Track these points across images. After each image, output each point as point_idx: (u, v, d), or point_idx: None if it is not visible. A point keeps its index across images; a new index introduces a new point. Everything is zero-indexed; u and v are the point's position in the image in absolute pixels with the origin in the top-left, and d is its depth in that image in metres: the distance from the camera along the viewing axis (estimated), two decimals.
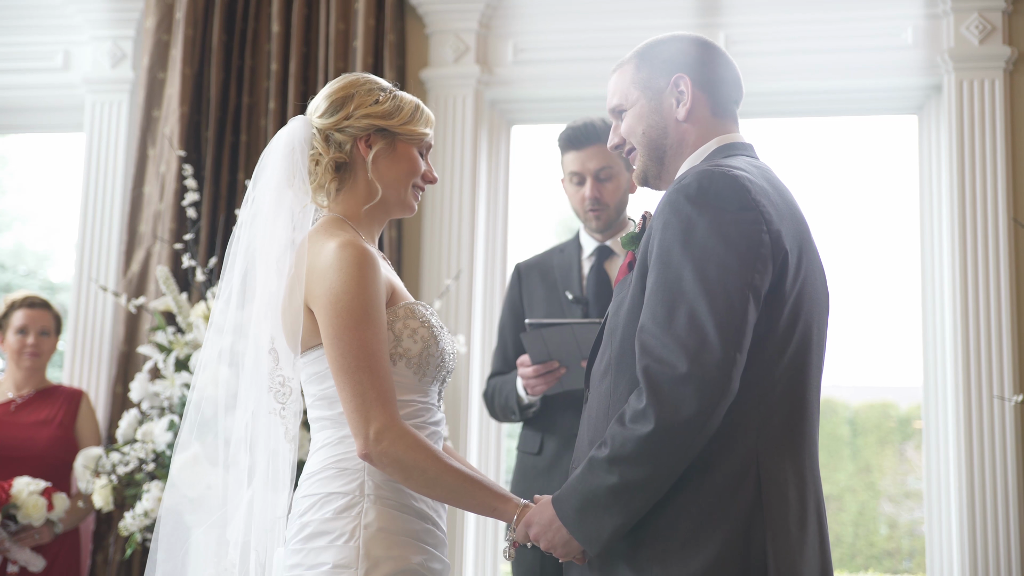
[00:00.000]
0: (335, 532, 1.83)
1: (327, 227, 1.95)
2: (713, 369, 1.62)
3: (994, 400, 3.73)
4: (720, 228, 1.69)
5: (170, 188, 4.09)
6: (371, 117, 1.97)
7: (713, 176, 1.73)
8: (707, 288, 1.65)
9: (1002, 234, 3.82)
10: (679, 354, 1.63)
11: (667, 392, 1.63)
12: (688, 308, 1.65)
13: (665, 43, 1.95)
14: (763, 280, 1.69)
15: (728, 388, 1.64)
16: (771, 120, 4.43)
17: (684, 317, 1.65)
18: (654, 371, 1.65)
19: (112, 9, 4.36)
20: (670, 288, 1.68)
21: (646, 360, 1.67)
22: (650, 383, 1.65)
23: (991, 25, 3.93)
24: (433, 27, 4.21)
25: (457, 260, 4.09)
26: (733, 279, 1.66)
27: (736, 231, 1.69)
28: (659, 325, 1.67)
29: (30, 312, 3.79)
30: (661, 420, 1.63)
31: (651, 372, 1.65)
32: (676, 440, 1.64)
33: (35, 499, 3.42)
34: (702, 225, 1.69)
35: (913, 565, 7.28)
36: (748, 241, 1.69)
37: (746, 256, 1.68)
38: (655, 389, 1.64)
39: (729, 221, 1.69)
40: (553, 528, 1.75)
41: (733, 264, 1.67)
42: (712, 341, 1.63)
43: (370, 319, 1.83)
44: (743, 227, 1.70)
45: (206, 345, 2.01)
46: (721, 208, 1.70)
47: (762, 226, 1.71)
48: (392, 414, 1.81)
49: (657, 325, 1.67)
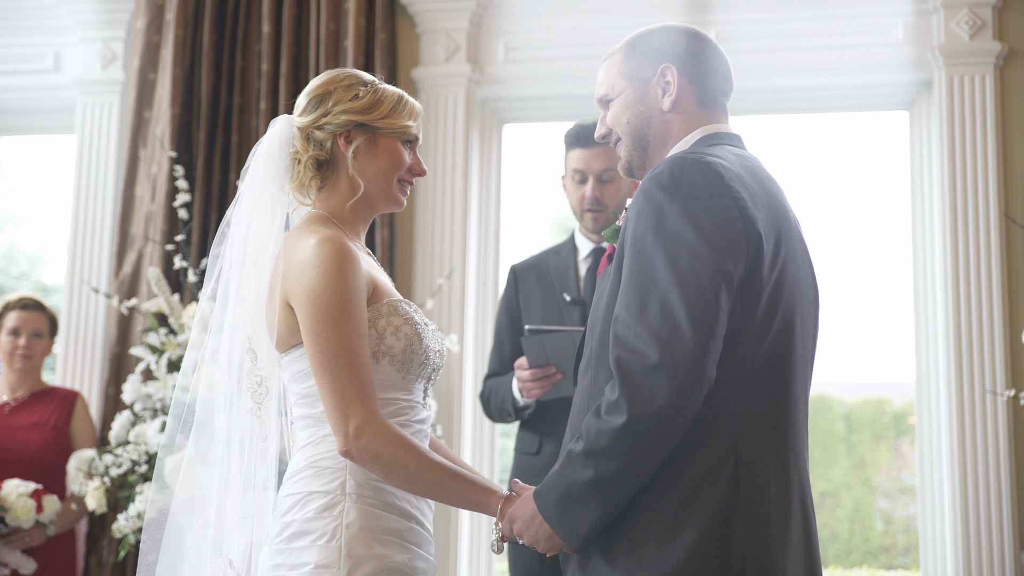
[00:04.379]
0: (317, 532, 1.82)
1: (308, 224, 1.94)
2: (686, 357, 1.60)
3: (986, 395, 3.74)
4: (692, 215, 1.66)
5: (161, 189, 4.08)
6: (350, 112, 1.96)
7: (686, 163, 1.71)
8: (678, 276, 1.63)
9: (993, 229, 3.82)
10: (651, 343, 1.61)
11: (639, 382, 1.61)
12: (660, 297, 1.63)
13: (655, 33, 1.94)
14: (736, 267, 1.67)
15: (702, 376, 1.61)
16: (762, 117, 4.43)
17: (656, 306, 1.63)
18: (626, 361, 1.63)
19: (102, 10, 4.35)
20: (642, 277, 1.66)
21: (619, 350, 1.65)
22: (622, 373, 1.63)
23: (981, 21, 3.93)
24: (424, 26, 4.21)
25: (449, 259, 4.08)
26: (705, 266, 1.63)
27: (708, 217, 1.66)
28: (632, 315, 1.65)
29: (23, 314, 3.77)
30: (634, 411, 1.61)
31: (623, 362, 1.63)
32: (650, 431, 1.61)
33: (24, 501, 3.41)
34: (674, 212, 1.67)
35: (909, 561, 7.28)
36: (721, 227, 1.66)
37: (718, 243, 1.65)
38: (627, 379, 1.62)
39: (701, 208, 1.67)
40: (535, 523, 1.74)
41: (705, 251, 1.64)
42: (684, 329, 1.60)
43: (349, 315, 1.81)
44: (715, 213, 1.67)
45: (189, 345, 2.01)
46: (693, 195, 1.67)
47: (735, 212, 1.68)
48: (372, 410, 1.80)
49: (630, 315, 1.65)
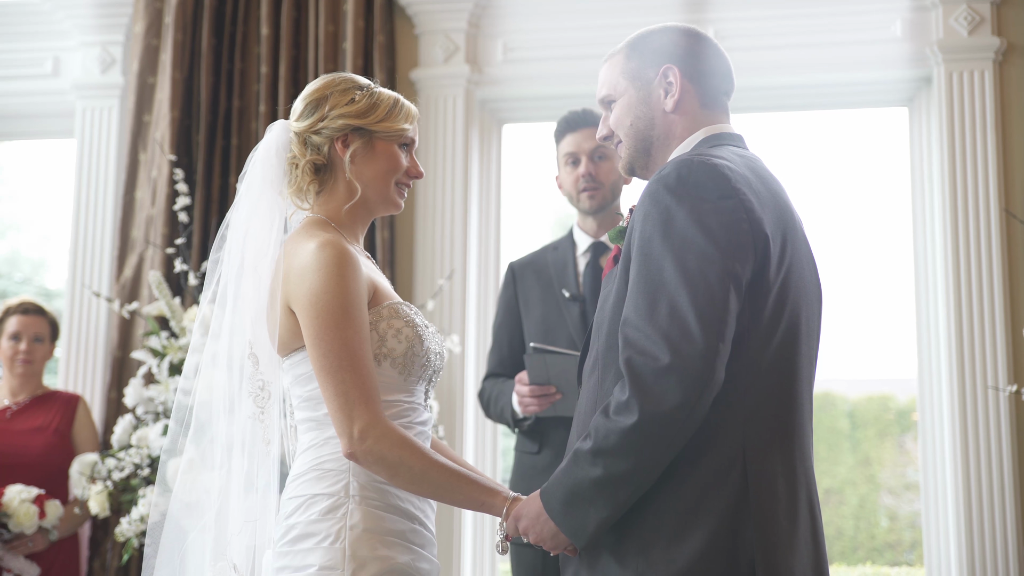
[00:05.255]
0: (321, 534, 1.83)
1: (308, 228, 1.94)
2: (696, 360, 1.61)
3: (988, 390, 3.73)
4: (700, 217, 1.67)
5: (162, 193, 4.08)
6: (346, 117, 1.97)
7: (692, 165, 1.71)
8: (687, 278, 1.64)
9: (994, 224, 3.82)
10: (661, 345, 1.62)
11: (650, 384, 1.62)
12: (669, 299, 1.64)
13: (656, 34, 1.94)
14: (744, 268, 1.68)
15: (712, 378, 1.63)
16: (763, 115, 4.43)
17: (665, 308, 1.64)
18: (637, 363, 1.64)
19: (101, 15, 4.35)
20: (651, 280, 1.67)
21: (629, 352, 1.66)
22: (633, 375, 1.64)
23: (980, 16, 3.92)
24: (422, 27, 4.21)
25: (450, 260, 4.09)
26: (713, 268, 1.65)
27: (716, 220, 1.67)
28: (641, 317, 1.66)
29: (24, 318, 3.77)
30: (645, 412, 1.62)
31: (634, 364, 1.64)
32: (660, 432, 1.63)
33: (26, 507, 3.41)
34: (681, 215, 1.68)
35: (914, 557, 7.28)
36: (728, 229, 1.67)
37: (726, 245, 1.66)
38: (638, 381, 1.63)
39: (709, 210, 1.68)
40: (540, 521, 1.74)
41: (713, 253, 1.65)
42: (694, 331, 1.61)
43: (351, 318, 1.82)
44: (723, 216, 1.68)
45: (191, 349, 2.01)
46: (700, 197, 1.68)
47: (742, 214, 1.69)
48: (376, 412, 1.81)
49: (639, 317, 1.66)
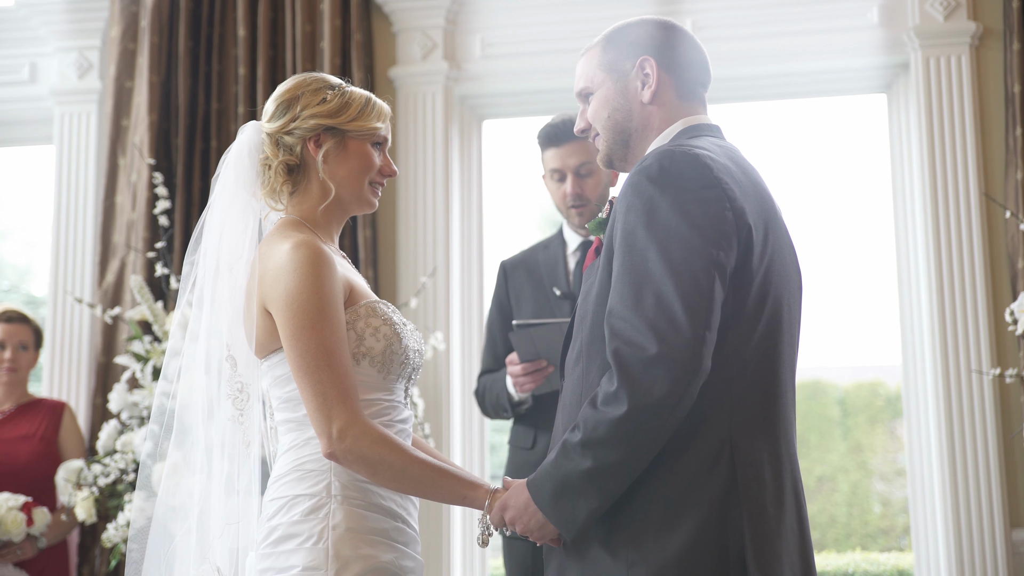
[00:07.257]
0: (303, 534, 1.83)
1: (282, 229, 1.94)
2: (683, 349, 1.62)
3: (972, 374, 3.75)
4: (683, 207, 1.68)
5: (142, 197, 4.07)
6: (318, 116, 1.96)
7: (674, 156, 1.72)
8: (672, 268, 1.65)
9: (974, 209, 3.84)
10: (648, 336, 1.63)
11: (638, 374, 1.63)
12: (655, 289, 1.65)
13: (632, 26, 1.96)
14: (728, 257, 1.69)
15: (699, 367, 1.64)
16: (741, 105, 4.44)
17: (651, 299, 1.65)
18: (624, 353, 1.64)
19: (77, 20, 4.34)
20: (636, 270, 1.68)
21: (616, 343, 1.66)
22: (621, 365, 1.65)
23: (955, 1, 3.93)
24: (400, 25, 4.21)
25: (433, 257, 4.08)
26: (698, 258, 1.66)
27: (699, 209, 1.68)
28: (627, 308, 1.67)
29: (7, 327, 3.76)
30: (633, 402, 1.63)
31: (621, 354, 1.65)
32: (649, 422, 1.63)
33: (13, 515, 3.39)
34: (664, 205, 1.69)
35: (907, 543, 7.31)
36: (711, 219, 1.68)
37: (710, 234, 1.67)
38: (626, 371, 1.64)
39: (691, 200, 1.69)
40: (528, 512, 1.75)
41: (697, 243, 1.66)
42: (680, 321, 1.63)
43: (327, 318, 1.82)
44: (706, 205, 1.69)
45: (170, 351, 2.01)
46: (683, 187, 1.69)
47: (725, 203, 1.70)
48: (354, 411, 1.81)
49: (625, 308, 1.67)
